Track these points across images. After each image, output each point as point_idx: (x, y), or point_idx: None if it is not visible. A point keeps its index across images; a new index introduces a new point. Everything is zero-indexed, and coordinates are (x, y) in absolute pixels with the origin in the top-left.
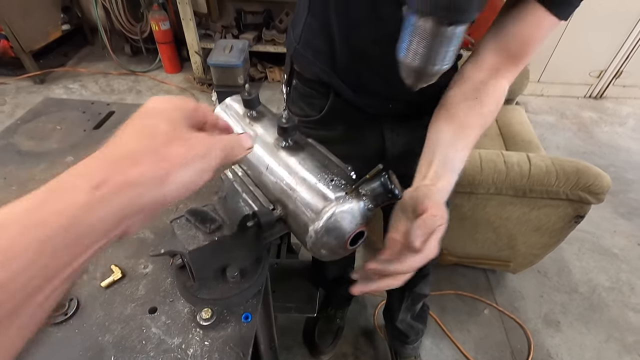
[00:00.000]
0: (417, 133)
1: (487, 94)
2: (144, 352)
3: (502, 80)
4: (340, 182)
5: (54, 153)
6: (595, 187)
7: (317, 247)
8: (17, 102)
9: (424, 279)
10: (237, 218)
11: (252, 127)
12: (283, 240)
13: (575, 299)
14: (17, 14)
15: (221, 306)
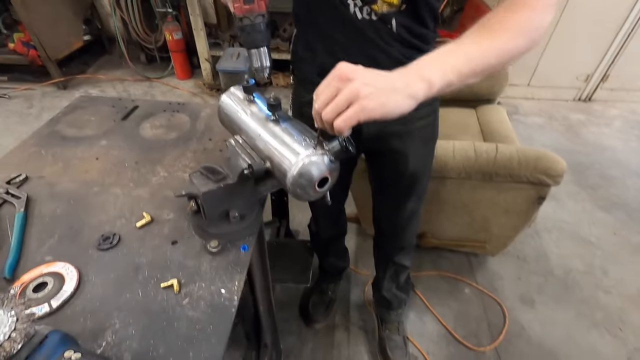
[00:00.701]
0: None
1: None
2: (168, 269)
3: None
4: (309, 143)
5: (90, 138)
6: (552, 171)
7: (294, 187)
8: (43, 105)
9: (402, 251)
10: (238, 172)
11: (249, 107)
12: (282, 223)
13: (550, 281)
14: (45, 26)
15: (225, 239)
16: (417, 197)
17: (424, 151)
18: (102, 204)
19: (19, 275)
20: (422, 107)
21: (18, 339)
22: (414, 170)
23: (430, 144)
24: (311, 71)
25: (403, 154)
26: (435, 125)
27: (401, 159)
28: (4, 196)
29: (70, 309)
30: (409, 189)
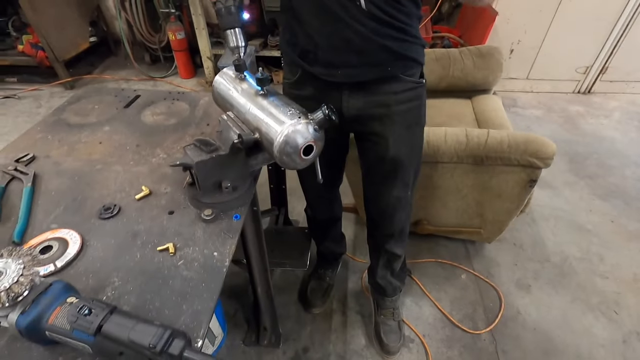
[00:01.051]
0: (371, 99)
1: None
2: (165, 235)
3: None
4: (295, 113)
5: (94, 124)
6: (541, 153)
7: (281, 155)
8: (51, 105)
9: (391, 239)
10: (229, 143)
11: (240, 85)
12: (281, 211)
13: (547, 267)
14: (53, 28)
15: (218, 209)
16: (404, 185)
17: (407, 136)
18: (104, 180)
19: (27, 240)
20: (403, 92)
21: (25, 283)
22: (396, 155)
23: (415, 130)
24: (294, 54)
25: (383, 137)
26: (420, 111)
27: (381, 142)
28: (13, 172)
29: (73, 269)
30: (391, 174)
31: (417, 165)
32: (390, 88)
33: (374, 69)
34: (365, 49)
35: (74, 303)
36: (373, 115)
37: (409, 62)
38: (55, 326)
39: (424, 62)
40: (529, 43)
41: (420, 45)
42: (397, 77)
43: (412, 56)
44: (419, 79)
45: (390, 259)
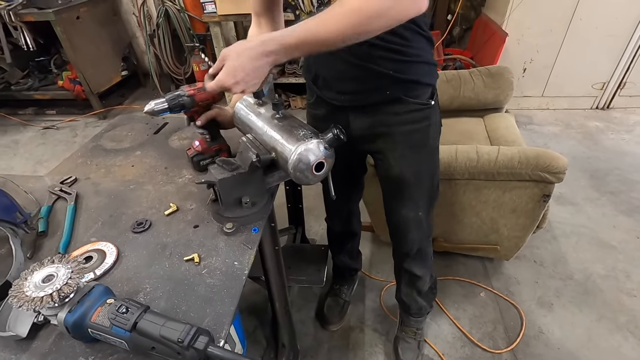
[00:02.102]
0: (375, 119)
1: None
2: (190, 247)
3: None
4: (307, 134)
5: (127, 149)
6: (552, 168)
7: (295, 171)
8: (86, 134)
9: (408, 258)
10: (249, 162)
11: (258, 109)
12: (298, 230)
13: (569, 284)
14: (89, 65)
15: (238, 223)
16: (413, 204)
17: (412, 156)
18: (136, 198)
19: (70, 251)
20: (406, 113)
21: (73, 285)
22: (399, 174)
23: (422, 151)
24: (309, 79)
25: (385, 156)
26: (427, 133)
27: (385, 161)
28: (59, 193)
29: (110, 277)
30: (398, 192)
31: (430, 187)
32: (392, 109)
33: (374, 93)
34: (360, 76)
35: (113, 303)
36: (376, 134)
37: (409, 84)
38: (97, 323)
39: (432, 82)
40: (542, 62)
41: (426, 64)
42: (399, 99)
43: (412, 78)
44: (426, 101)
45: (412, 279)
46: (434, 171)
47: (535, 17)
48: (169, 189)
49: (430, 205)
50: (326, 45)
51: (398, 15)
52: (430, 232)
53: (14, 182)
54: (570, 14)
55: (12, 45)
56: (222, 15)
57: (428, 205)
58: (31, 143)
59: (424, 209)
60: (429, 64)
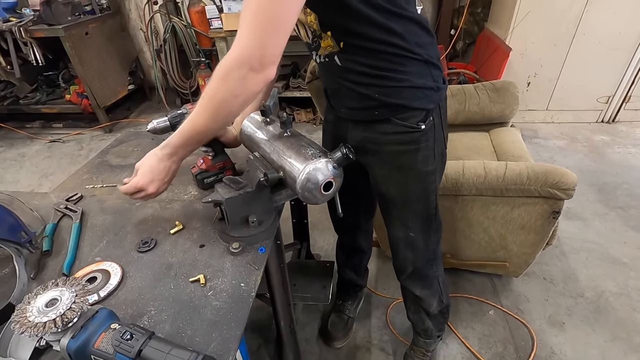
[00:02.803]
0: (366, 135)
1: None
2: (196, 267)
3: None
4: (315, 153)
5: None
6: (562, 184)
7: (303, 191)
8: (91, 147)
9: (403, 275)
10: (256, 181)
11: (266, 127)
12: (303, 245)
13: (581, 302)
14: (97, 79)
15: (245, 242)
16: (402, 224)
17: (398, 177)
18: (142, 215)
19: (74, 272)
20: (394, 134)
21: (76, 309)
22: (385, 193)
23: (409, 173)
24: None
25: (373, 172)
26: (416, 156)
27: (372, 175)
28: (64, 210)
29: (114, 299)
30: (386, 211)
31: (423, 209)
32: (381, 128)
33: (365, 112)
34: (351, 96)
35: (117, 329)
36: (367, 149)
37: (397, 107)
38: (100, 350)
39: (425, 106)
40: (546, 75)
41: (417, 88)
42: (388, 120)
43: (399, 102)
44: (415, 124)
45: (415, 298)
46: (426, 196)
47: (539, 32)
48: (174, 207)
49: (427, 229)
50: (207, 135)
51: (248, 93)
52: (434, 256)
53: (19, 199)
54: (574, 28)
55: (21, 60)
56: (228, 31)
57: (423, 228)
58: (37, 156)
59: (417, 231)
60: (422, 88)
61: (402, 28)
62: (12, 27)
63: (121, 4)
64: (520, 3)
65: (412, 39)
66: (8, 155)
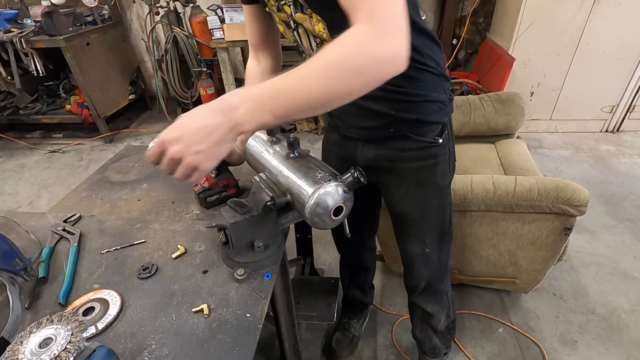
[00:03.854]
0: (380, 153)
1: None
2: (199, 295)
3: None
4: (325, 176)
5: (134, 182)
6: (574, 200)
7: (312, 216)
8: (91, 158)
9: (415, 292)
10: (262, 204)
11: (272, 147)
12: (307, 261)
13: (592, 319)
14: (97, 90)
15: (250, 268)
16: (418, 241)
17: (417, 193)
18: (143, 238)
19: (71, 301)
20: (411, 150)
21: (72, 350)
22: (403, 211)
23: (428, 188)
24: None
25: (389, 190)
26: (434, 171)
27: (387, 194)
28: (62, 232)
29: (113, 331)
30: (402, 229)
31: (439, 224)
32: (398, 145)
33: (378, 130)
34: (364, 114)
35: None
36: (380, 167)
37: (414, 123)
38: None
39: (441, 119)
40: (550, 85)
41: (433, 102)
42: (405, 136)
43: (416, 117)
44: (432, 139)
45: (424, 315)
46: (442, 209)
47: (542, 42)
48: (176, 228)
49: (441, 243)
50: (312, 110)
51: (378, 74)
52: (445, 270)
53: (15, 221)
54: (577, 39)
55: (22, 71)
56: (230, 42)
57: (439, 242)
58: (37, 167)
59: (433, 246)
60: (437, 102)
61: (417, 41)
62: (13, 38)
63: (123, 14)
64: (523, 14)
65: (425, 52)
66: (7, 166)
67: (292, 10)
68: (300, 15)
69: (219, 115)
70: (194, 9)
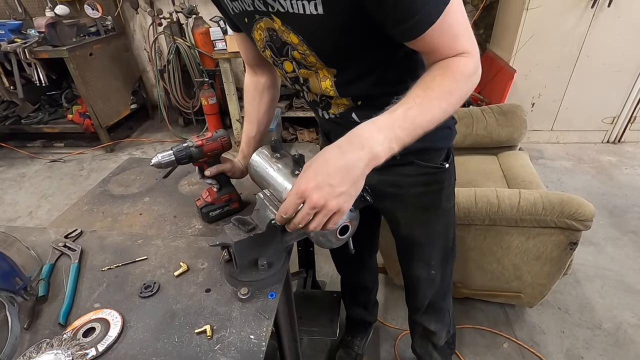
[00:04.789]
0: (384, 178)
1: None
2: (202, 315)
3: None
4: None
5: (135, 195)
6: (579, 215)
7: (317, 235)
8: (92, 167)
9: (418, 312)
10: (266, 222)
11: (276, 164)
12: (309, 274)
13: (598, 334)
14: (100, 99)
15: (254, 287)
16: (424, 264)
17: (423, 217)
18: (144, 254)
19: (71, 321)
20: (417, 175)
21: None
22: (409, 235)
23: (434, 212)
24: (323, 130)
25: (394, 216)
26: (440, 195)
27: (393, 220)
28: (62, 249)
29: (114, 353)
30: (408, 252)
31: (444, 246)
32: (403, 171)
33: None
34: None
35: None
36: (385, 193)
37: (420, 151)
38: None
39: (447, 145)
40: (551, 96)
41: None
42: (411, 162)
43: (422, 146)
44: (439, 164)
45: (426, 332)
46: (447, 231)
47: (542, 54)
48: (178, 245)
49: (445, 263)
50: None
51: (472, 90)
52: (447, 289)
53: (15, 237)
54: (577, 51)
55: (24, 80)
56: (232, 52)
57: (443, 263)
58: (37, 176)
59: (437, 268)
60: (445, 127)
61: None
62: (16, 48)
63: (126, 25)
64: (523, 26)
65: None
66: (8, 175)
67: (295, 66)
68: (304, 71)
69: (357, 150)
70: (197, 20)
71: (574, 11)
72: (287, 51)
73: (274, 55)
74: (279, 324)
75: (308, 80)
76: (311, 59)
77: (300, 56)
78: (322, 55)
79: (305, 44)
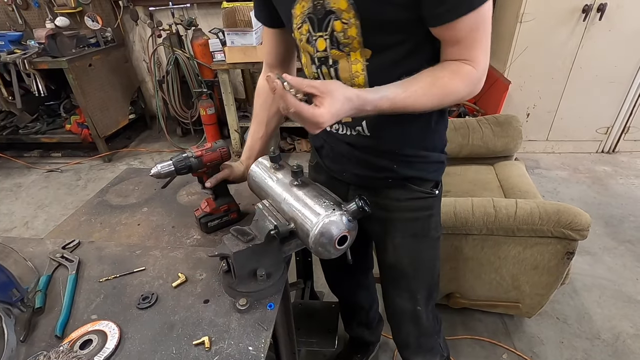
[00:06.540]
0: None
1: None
2: (200, 327)
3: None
4: (329, 204)
5: (134, 205)
6: (576, 225)
7: (316, 246)
8: (89, 177)
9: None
10: (265, 233)
11: (275, 174)
12: (307, 284)
13: (597, 345)
14: (98, 110)
15: (253, 297)
16: (409, 296)
17: (411, 245)
18: (142, 265)
19: (68, 333)
20: (408, 200)
21: None
22: (396, 263)
23: (423, 240)
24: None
25: (382, 241)
26: (429, 222)
27: (380, 246)
28: (60, 260)
29: None
30: (392, 281)
31: (430, 279)
32: (394, 194)
33: (376, 180)
34: (361, 164)
35: None
36: (375, 217)
37: (410, 179)
38: None
39: (438, 177)
40: (545, 107)
41: (433, 163)
42: (403, 185)
43: (411, 175)
44: (429, 190)
45: None
46: (433, 265)
47: (536, 66)
48: (177, 255)
49: (429, 299)
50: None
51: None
52: (435, 329)
53: (13, 247)
54: (570, 62)
55: (23, 90)
56: (231, 64)
57: (427, 299)
58: (34, 186)
59: (422, 303)
60: (437, 162)
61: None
62: (16, 59)
63: (125, 36)
64: (517, 39)
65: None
66: (4, 185)
67: (328, 45)
68: (336, 52)
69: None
70: (196, 32)
71: (566, 24)
72: (328, 22)
73: (311, 29)
74: (277, 336)
75: (337, 62)
76: (351, 31)
77: (342, 27)
78: (366, 26)
79: (353, 10)
